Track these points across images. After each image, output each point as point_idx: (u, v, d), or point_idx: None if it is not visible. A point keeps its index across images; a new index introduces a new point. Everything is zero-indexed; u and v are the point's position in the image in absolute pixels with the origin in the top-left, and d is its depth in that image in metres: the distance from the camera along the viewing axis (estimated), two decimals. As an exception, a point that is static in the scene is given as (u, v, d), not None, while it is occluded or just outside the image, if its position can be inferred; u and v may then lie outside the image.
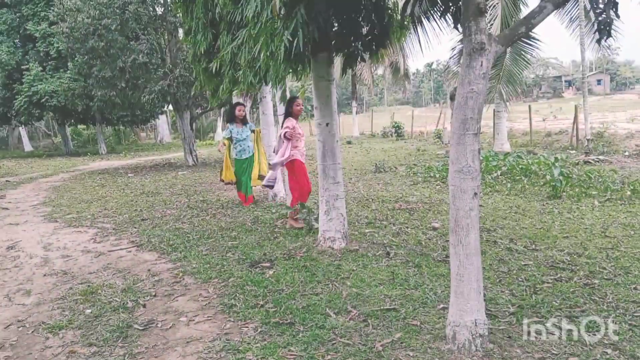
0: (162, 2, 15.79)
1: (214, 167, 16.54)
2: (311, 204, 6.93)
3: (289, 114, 6.71)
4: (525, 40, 14.22)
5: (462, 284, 3.02)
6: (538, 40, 14.08)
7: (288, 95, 7.65)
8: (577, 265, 4.67)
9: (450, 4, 3.83)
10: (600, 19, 3.24)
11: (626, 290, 3.98)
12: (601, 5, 3.30)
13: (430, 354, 3.05)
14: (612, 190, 8.04)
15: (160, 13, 15.81)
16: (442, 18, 4.10)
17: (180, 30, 15.87)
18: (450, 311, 3.15)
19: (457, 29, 4.01)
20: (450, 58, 16.11)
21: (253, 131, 8.50)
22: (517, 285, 4.19)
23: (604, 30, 3.26)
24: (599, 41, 3.50)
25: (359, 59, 5.21)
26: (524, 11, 13.80)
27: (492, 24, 13.47)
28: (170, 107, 20.77)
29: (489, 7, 13.59)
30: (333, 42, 5.05)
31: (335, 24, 5.05)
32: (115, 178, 14.53)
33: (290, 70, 4.58)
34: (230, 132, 8.41)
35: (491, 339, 3.15)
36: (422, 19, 7.85)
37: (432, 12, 6.66)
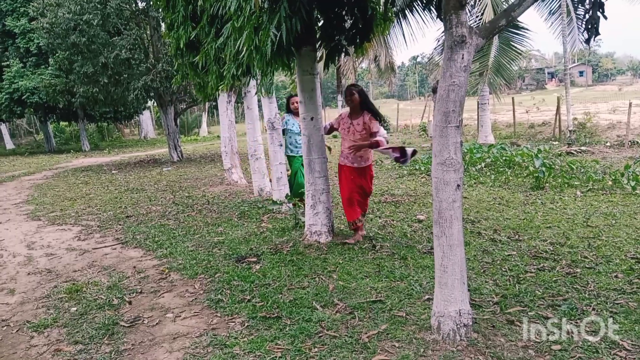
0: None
1: (199, 162, 16.45)
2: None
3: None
4: (513, 30, 14.33)
5: (446, 275, 3.06)
6: (527, 29, 14.20)
7: (269, 91, 7.45)
8: (560, 254, 4.75)
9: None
10: (586, 18, 3.29)
11: (607, 279, 4.05)
12: (587, 6, 3.35)
13: (415, 344, 3.09)
14: (594, 181, 8.16)
15: (142, 7, 15.63)
16: (425, 10, 4.11)
17: (163, 25, 15.72)
18: (434, 302, 3.18)
19: (441, 19, 4.02)
20: (434, 49, 16.18)
21: None
22: (500, 275, 4.24)
23: (592, 29, 3.31)
24: (587, 40, 3.56)
25: (342, 53, 5.21)
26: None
27: (482, 13, 13.52)
28: (154, 102, 20.60)
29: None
30: (317, 36, 5.04)
31: (319, 18, 5.05)
32: (99, 175, 14.38)
33: (277, 64, 4.57)
34: (286, 122, 7.24)
35: (475, 328, 3.19)
36: (406, 11, 7.90)
37: (415, 4, 6.68)
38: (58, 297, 4.36)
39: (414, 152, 5.43)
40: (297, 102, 6.41)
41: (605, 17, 3.27)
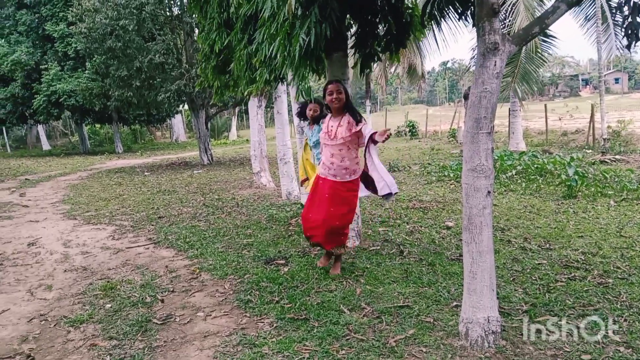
0: (178, 2, 15.97)
1: (228, 165, 16.67)
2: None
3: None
4: (541, 37, 14.14)
5: (475, 281, 3.06)
6: (555, 37, 14.01)
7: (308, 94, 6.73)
8: (592, 264, 4.67)
9: (469, 4, 3.85)
10: (626, 24, 3.26)
11: (641, 290, 3.98)
12: (627, 11, 3.31)
13: (443, 350, 3.09)
14: (628, 190, 7.98)
15: (177, 13, 15.99)
16: (460, 20, 4.12)
17: (197, 31, 16.04)
18: (463, 308, 3.18)
19: (475, 26, 4.03)
20: (471, 58, 16.04)
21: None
22: (530, 284, 4.20)
23: (633, 34, 3.28)
24: (628, 46, 3.52)
25: (375, 59, 5.25)
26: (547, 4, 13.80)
27: (514, 21, 13.40)
28: (186, 106, 21.00)
29: (511, 4, 13.53)
30: (350, 42, 5.09)
31: (352, 24, 5.10)
32: (132, 176, 14.72)
33: (306, 69, 4.64)
34: (305, 133, 6.17)
35: (504, 336, 3.18)
36: (439, 18, 7.88)
37: (447, 11, 6.67)
38: (93, 294, 4.50)
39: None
40: (313, 110, 5.64)
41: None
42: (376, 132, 3.99)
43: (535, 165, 10.56)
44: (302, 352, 3.15)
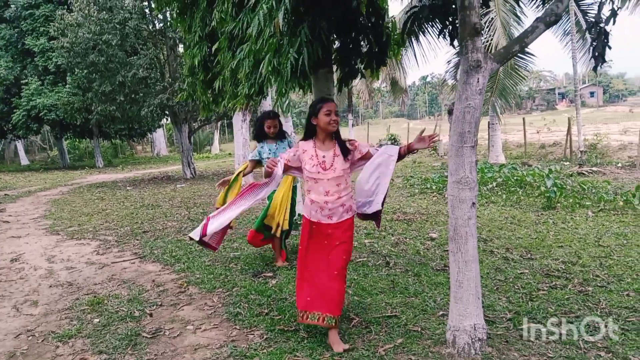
0: (161, 17, 16.02)
1: (212, 179, 16.64)
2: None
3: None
4: (520, 55, 14.54)
5: (461, 290, 3.15)
6: (532, 55, 14.44)
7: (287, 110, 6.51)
8: (572, 273, 4.81)
9: (448, 23, 4.00)
10: (593, 46, 3.44)
11: (619, 297, 4.11)
12: (594, 35, 3.49)
13: (431, 357, 3.17)
14: (605, 201, 8.20)
15: (160, 28, 16.03)
16: (439, 37, 4.27)
17: (180, 45, 16.11)
18: (450, 316, 3.27)
19: (453, 46, 4.18)
20: (446, 72, 16.43)
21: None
22: (513, 293, 4.32)
23: (599, 57, 3.45)
24: (595, 68, 3.71)
25: (358, 75, 5.37)
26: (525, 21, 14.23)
27: (492, 37, 13.77)
28: (168, 120, 20.98)
29: (487, 20, 13.90)
30: (334, 59, 5.21)
31: (336, 42, 5.22)
32: (114, 191, 14.61)
33: (294, 86, 4.73)
34: (258, 153, 5.56)
35: (489, 343, 3.28)
36: (418, 34, 8.08)
37: (427, 28, 6.86)
38: (80, 309, 4.49)
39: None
40: (273, 127, 5.47)
41: (610, 47, 3.42)
42: (405, 146, 3.49)
43: (515, 178, 10.78)
44: (293, 363, 3.19)
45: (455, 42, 3.96)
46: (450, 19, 4.04)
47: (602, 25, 3.38)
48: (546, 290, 4.34)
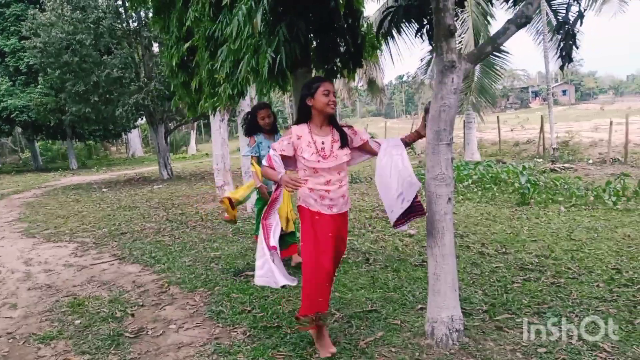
0: (135, 16, 15.86)
1: (189, 180, 16.55)
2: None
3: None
4: (495, 53, 14.82)
5: (438, 283, 3.25)
6: (508, 53, 14.70)
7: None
8: (545, 266, 4.97)
9: (425, 23, 4.09)
10: (560, 46, 3.57)
11: (589, 288, 4.28)
12: (561, 35, 3.63)
13: (410, 349, 3.26)
14: (577, 197, 8.45)
15: (135, 27, 15.87)
16: (416, 37, 4.36)
17: (155, 44, 15.96)
18: (428, 309, 3.37)
19: (432, 45, 4.27)
20: (417, 68, 16.65)
21: None
22: (489, 286, 4.45)
23: (566, 57, 3.59)
24: (562, 67, 3.85)
25: (337, 75, 5.44)
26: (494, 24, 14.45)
27: (463, 37, 14.01)
28: (143, 120, 20.75)
29: (460, 20, 14.13)
30: (313, 59, 5.27)
31: (314, 42, 5.28)
32: (90, 193, 14.41)
33: (273, 85, 4.77)
34: (258, 147, 5.18)
35: (466, 334, 3.39)
36: (394, 33, 8.19)
37: (402, 28, 6.96)
38: (61, 311, 4.46)
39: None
40: (267, 117, 5.15)
41: (577, 47, 3.56)
42: (411, 134, 3.47)
43: (490, 175, 11.01)
44: (277, 358, 3.25)
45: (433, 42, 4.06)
46: (427, 19, 4.14)
47: (569, 26, 3.52)
48: (520, 283, 4.48)
